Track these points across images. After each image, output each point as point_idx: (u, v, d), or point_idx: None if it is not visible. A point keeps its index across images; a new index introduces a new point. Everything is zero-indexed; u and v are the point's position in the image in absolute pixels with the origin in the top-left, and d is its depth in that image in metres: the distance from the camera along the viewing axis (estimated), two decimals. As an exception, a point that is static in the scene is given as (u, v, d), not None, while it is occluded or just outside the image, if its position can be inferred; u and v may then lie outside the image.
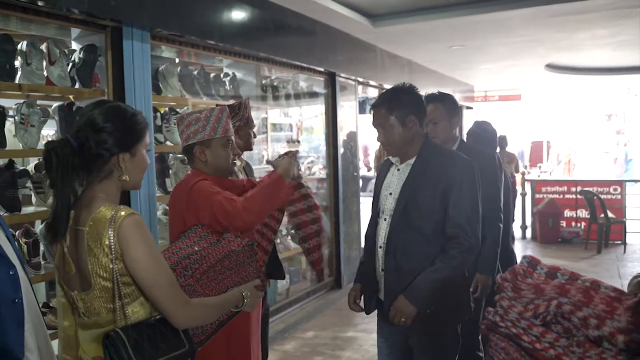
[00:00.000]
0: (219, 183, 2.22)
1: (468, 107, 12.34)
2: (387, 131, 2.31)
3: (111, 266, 1.47)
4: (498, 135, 9.76)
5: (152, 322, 1.52)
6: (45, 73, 3.10)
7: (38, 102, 3.15)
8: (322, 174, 6.35)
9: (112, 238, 1.45)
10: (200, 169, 2.26)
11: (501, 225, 2.96)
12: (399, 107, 2.28)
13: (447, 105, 2.95)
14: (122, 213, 1.47)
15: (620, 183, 8.71)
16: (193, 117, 2.23)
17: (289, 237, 5.55)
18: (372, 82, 7.15)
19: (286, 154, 2.32)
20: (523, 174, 10.62)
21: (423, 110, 2.35)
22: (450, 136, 2.96)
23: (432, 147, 2.38)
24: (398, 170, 2.39)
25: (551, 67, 9.87)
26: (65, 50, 3.35)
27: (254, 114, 3.24)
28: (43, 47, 3.13)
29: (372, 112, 2.39)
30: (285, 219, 2.47)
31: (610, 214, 7.98)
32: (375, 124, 2.37)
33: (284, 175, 2.19)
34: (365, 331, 4.74)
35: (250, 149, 3.10)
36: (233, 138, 2.28)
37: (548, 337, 1.35)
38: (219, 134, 2.22)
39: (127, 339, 1.44)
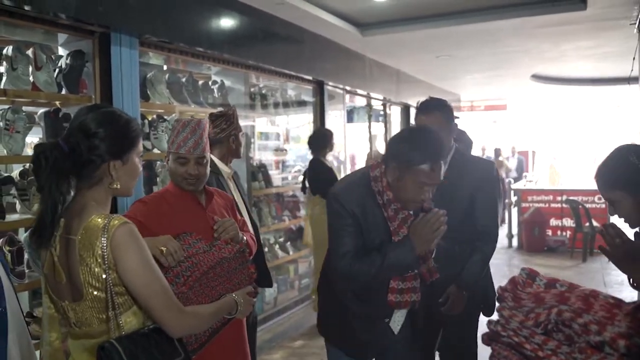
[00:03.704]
0: (178, 196, 2.17)
1: (455, 117, 12.41)
2: None
3: (104, 276, 1.43)
4: (494, 148, 9.86)
5: (146, 332, 1.49)
6: (31, 78, 3.05)
7: (24, 108, 3.10)
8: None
9: (105, 248, 1.42)
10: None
11: (495, 246, 2.64)
12: None
13: (445, 113, 2.65)
14: (115, 222, 1.44)
15: (605, 192, 8.79)
16: (173, 123, 2.23)
17: (277, 246, 5.52)
18: (360, 91, 7.18)
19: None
20: (509, 182, 10.71)
21: None
22: (449, 145, 2.64)
23: None
24: None
25: (537, 77, 10.00)
26: (52, 56, 3.31)
27: (242, 122, 3.25)
28: (29, 52, 3.09)
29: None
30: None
31: (595, 223, 8.06)
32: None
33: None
34: (354, 340, 4.72)
35: (239, 157, 3.10)
36: (190, 157, 2.15)
37: (550, 345, 1.35)
38: (173, 148, 2.18)
39: (122, 350, 1.41)
